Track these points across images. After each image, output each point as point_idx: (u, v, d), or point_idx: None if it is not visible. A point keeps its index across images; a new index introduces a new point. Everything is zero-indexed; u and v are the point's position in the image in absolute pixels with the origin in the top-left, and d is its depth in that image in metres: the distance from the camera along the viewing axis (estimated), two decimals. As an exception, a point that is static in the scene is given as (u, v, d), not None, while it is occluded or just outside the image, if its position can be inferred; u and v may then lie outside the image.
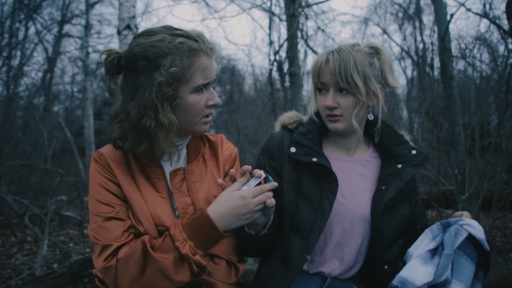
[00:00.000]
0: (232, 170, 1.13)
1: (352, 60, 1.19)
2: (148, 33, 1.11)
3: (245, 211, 1.06)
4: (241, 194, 1.07)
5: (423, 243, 1.16)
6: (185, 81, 1.08)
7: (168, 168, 1.21)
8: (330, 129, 1.30)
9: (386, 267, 1.27)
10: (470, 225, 1.12)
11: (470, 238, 1.12)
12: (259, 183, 1.09)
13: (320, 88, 1.28)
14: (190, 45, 1.08)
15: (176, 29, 1.13)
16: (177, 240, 1.04)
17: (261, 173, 1.09)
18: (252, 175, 1.11)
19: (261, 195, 1.07)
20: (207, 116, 1.18)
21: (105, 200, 1.13)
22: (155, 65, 1.05)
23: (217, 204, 1.08)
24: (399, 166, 1.30)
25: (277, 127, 1.43)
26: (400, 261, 1.25)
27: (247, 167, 1.10)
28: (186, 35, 1.10)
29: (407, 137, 1.40)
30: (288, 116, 1.42)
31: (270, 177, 1.11)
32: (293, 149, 1.29)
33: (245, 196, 1.06)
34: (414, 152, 1.32)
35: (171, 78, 1.05)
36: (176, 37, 1.08)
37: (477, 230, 1.11)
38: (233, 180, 1.13)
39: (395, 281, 1.06)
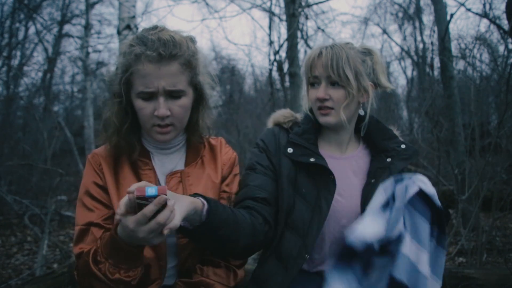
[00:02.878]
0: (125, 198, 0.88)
1: (344, 54, 1.22)
2: (145, 29, 1.14)
3: (140, 238, 0.88)
4: (126, 224, 0.87)
5: (377, 199, 1.12)
6: (131, 84, 1.10)
7: (163, 170, 1.22)
8: (321, 123, 1.31)
9: None
10: (421, 180, 1.11)
11: (422, 194, 1.10)
12: (144, 200, 0.84)
13: (312, 82, 1.30)
14: (134, 50, 1.06)
15: (152, 32, 1.09)
16: (100, 261, 1.00)
17: (131, 190, 0.84)
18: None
19: (151, 223, 0.85)
20: (159, 126, 1.12)
21: (89, 204, 1.14)
22: (118, 60, 1.12)
23: (121, 225, 0.93)
24: (388, 160, 1.32)
25: (270, 124, 1.43)
26: None
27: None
28: (144, 40, 1.07)
29: (397, 132, 1.42)
30: (283, 115, 1.42)
31: (148, 188, 0.83)
32: (290, 150, 1.30)
33: (130, 228, 0.87)
34: (403, 146, 1.34)
35: (120, 78, 1.09)
36: (136, 40, 1.08)
37: (427, 186, 1.10)
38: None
39: (346, 241, 1.01)
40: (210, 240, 1.07)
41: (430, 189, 1.10)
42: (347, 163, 1.36)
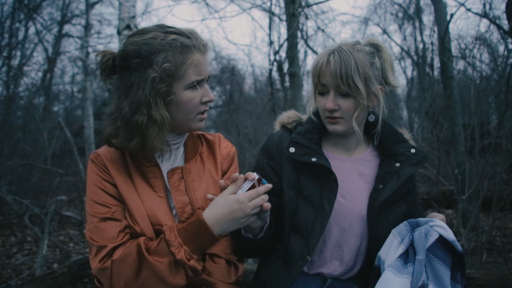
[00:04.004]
0: (221, 181, 1.11)
1: (353, 61, 1.17)
2: (141, 31, 1.12)
3: (241, 215, 1.05)
4: (236, 198, 1.05)
5: (393, 246, 1.13)
6: (178, 78, 1.09)
7: (165, 167, 1.21)
8: (329, 130, 1.29)
9: None
10: (440, 226, 1.10)
11: (441, 240, 1.10)
12: (253, 186, 1.08)
13: (320, 90, 1.27)
14: (183, 42, 1.09)
15: (169, 26, 1.14)
16: (172, 245, 1.04)
17: (254, 175, 1.08)
18: (245, 178, 1.09)
19: (257, 198, 1.06)
20: (202, 113, 1.18)
21: (101, 200, 1.13)
22: (148, 62, 1.06)
23: (212, 209, 1.07)
24: (397, 164, 1.29)
25: (277, 126, 1.43)
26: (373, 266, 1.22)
27: (236, 175, 1.09)
28: (179, 32, 1.11)
29: (407, 135, 1.39)
30: (287, 116, 1.41)
31: (263, 179, 1.10)
32: (292, 149, 1.28)
33: (241, 200, 1.05)
34: (413, 150, 1.31)
35: (164, 74, 1.06)
36: (169, 34, 1.09)
37: (448, 232, 1.09)
38: (223, 189, 1.11)
39: None
40: (260, 248, 1.23)
41: (450, 235, 1.09)
42: (352, 165, 1.34)
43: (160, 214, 1.15)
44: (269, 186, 1.09)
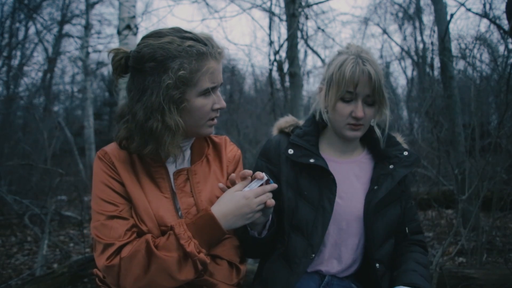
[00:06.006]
0: (233, 175, 1.14)
1: (381, 72, 1.24)
2: (157, 34, 1.10)
3: (248, 211, 1.08)
4: (244, 194, 1.09)
5: None
6: (192, 85, 1.08)
7: (172, 168, 1.21)
8: (348, 137, 1.31)
9: (377, 265, 1.29)
10: None
11: None
12: (261, 185, 1.11)
13: (345, 97, 1.26)
14: (199, 49, 1.08)
15: (186, 31, 1.12)
16: (182, 238, 1.05)
17: (262, 175, 1.12)
18: (253, 177, 1.13)
19: (263, 195, 1.10)
20: (212, 119, 1.18)
21: (108, 198, 1.13)
22: (163, 67, 1.05)
23: (220, 204, 1.09)
24: (391, 166, 1.33)
25: (275, 131, 1.46)
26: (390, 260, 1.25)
27: (248, 172, 1.12)
28: (196, 38, 1.10)
29: (400, 138, 1.44)
30: (285, 121, 1.46)
31: (271, 180, 1.14)
32: (291, 151, 1.31)
33: (247, 196, 1.08)
34: (405, 153, 1.36)
35: (179, 81, 1.05)
36: (186, 40, 1.08)
37: None
38: (233, 183, 1.14)
39: None
40: (264, 246, 1.27)
41: None
42: (349, 167, 1.37)
43: (167, 215, 1.15)
44: (275, 185, 1.14)
